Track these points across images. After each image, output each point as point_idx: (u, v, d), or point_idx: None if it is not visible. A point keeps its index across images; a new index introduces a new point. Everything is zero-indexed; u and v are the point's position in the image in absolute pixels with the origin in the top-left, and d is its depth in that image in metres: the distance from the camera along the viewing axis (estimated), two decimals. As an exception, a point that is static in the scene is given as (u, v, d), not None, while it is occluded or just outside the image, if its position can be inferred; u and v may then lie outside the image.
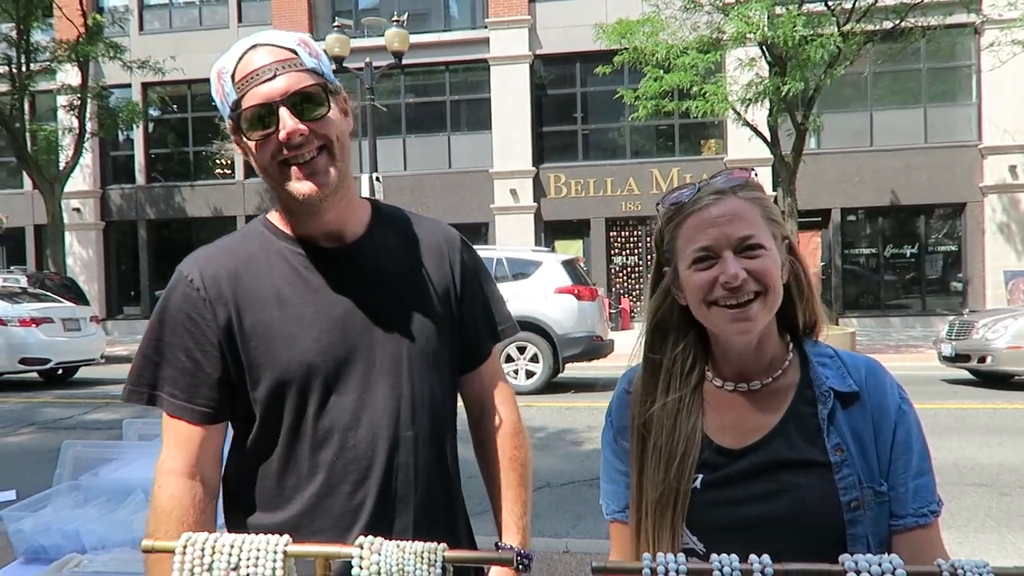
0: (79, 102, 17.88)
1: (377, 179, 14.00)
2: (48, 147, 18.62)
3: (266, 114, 1.24)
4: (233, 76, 1.26)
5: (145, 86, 21.79)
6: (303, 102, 1.25)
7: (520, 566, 1.38)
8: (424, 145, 21.32)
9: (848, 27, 13.13)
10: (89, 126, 18.31)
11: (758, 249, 1.13)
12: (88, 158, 20.67)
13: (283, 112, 1.23)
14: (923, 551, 1.11)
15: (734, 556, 0.89)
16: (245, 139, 1.27)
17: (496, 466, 1.49)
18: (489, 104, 20.70)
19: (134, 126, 19.98)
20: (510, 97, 20.43)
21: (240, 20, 21.94)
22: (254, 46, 1.26)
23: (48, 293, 13.09)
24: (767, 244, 1.14)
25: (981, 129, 18.80)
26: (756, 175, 1.21)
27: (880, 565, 0.87)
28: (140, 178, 22.70)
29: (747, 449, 1.18)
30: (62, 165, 18.36)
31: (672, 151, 20.51)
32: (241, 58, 1.26)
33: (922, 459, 1.16)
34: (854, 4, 13.22)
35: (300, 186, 1.26)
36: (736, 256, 1.13)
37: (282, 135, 1.23)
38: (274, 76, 1.24)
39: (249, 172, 21.61)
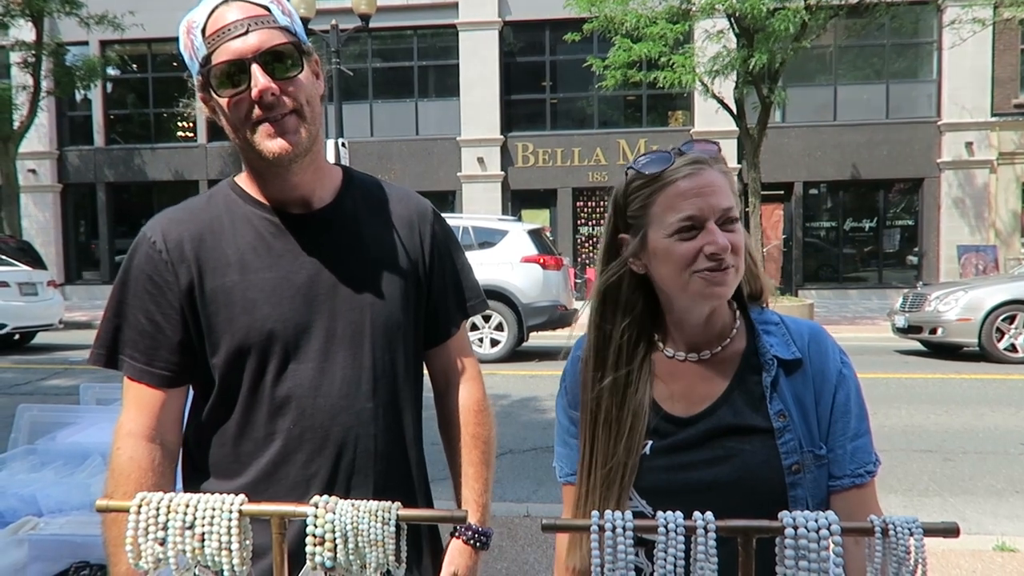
0: (33, 59, 17.26)
1: (343, 144, 13.81)
2: (1, 105, 17.96)
3: (236, 71, 1.21)
4: (204, 30, 1.23)
5: (103, 44, 21.09)
6: (275, 61, 1.22)
7: (478, 543, 1.41)
8: (391, 111, 21.03)
9: (814, 0, 13.18)
10: (44, 84, 17.70)
11: (736, 223, 1.16)
12: (44, 118, 20.01)
13: (255, 69, 1.20)
14: (859, 509, 1.16)
15: (679, 513, 0.93)
16: (216, 96, 1.24)
17: (458, 443, 1.48)
18: (457, 70, 20.45)
19: (92, 85, 19.36)
20: (478, 64, 20.21)
21: (201, -23, 21.30)
22: (226, 0, 1.23)
23: (3, 256, 12.73)
24: (738, 217, 1.17)
25: (940, 106, 19.10)
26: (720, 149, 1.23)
27: (816, 521, 0.91)
28: (99, 139, 22.07)
29: (695, 417, 1.22)
30: (16, 124, 17.72)
31: (639, 122, 20.51)
32: (212, 12, 1.23)
33: (860, 421, 1.21)
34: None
35: (271, 144, 1.23)
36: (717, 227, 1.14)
37: (254, 92, 1.20)
38: (247, 32, 1.21)
39: (212, 135, 21.14)
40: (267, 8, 1.24)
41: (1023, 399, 7.51)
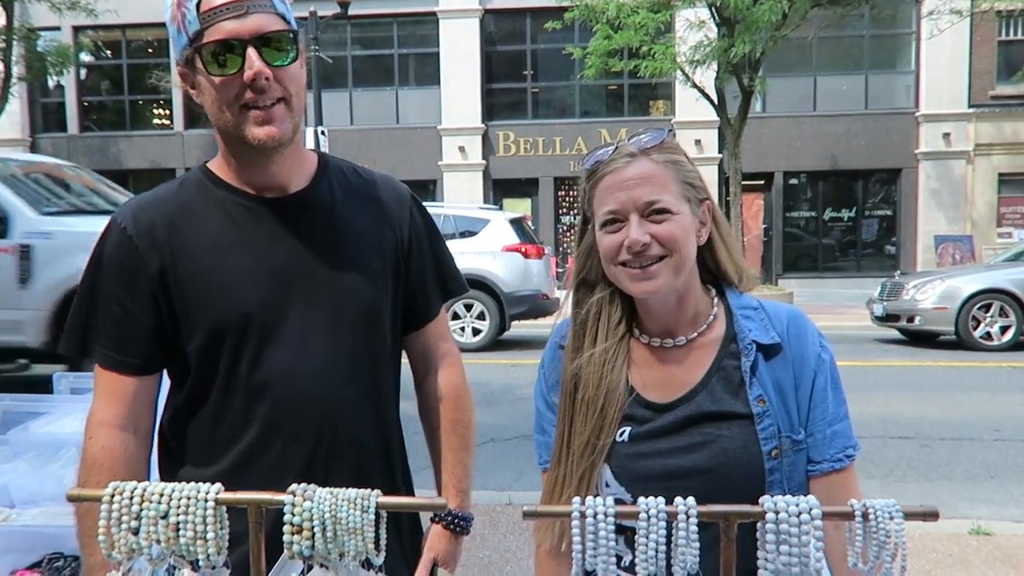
0: (4, 44, 16.92)
1: (322, 133, 13.71)
2: (-29, 91, 17.61)
3: (228, 51, 1.19)
4: (198, 5, 1.19)
5: (76, 29, 20.72)
6: (270, 46, 1.20)
7: (457, 528, 1.40)
8: (371, 99, 20.88)
9: (795, -10, 13.24)
10: (16, 70, 17.37)
11: (665, 214, 1.15)
12: (16, 104, 19.63)
13: (251, 52, 1.18)
14: (839, 493, 1.15)
15: (660, 499, 0.92)
16: (208, 73, 1.21)
17: (438, 429, 1.47)
18: (438, 58, 20.35)
19: (65, 72, 19.02)
20: (459, 52, 20.10)
21: (177, -38, 20.95)
22: None
23: (-26, 246, 12.50)
24: (675, 208, 1.16)
25: (919, 97, 19.27)
26: (674, 135, 1.22)
27: (798, 505, 0.91)
28: (73, 127, 21.72)
29: (673, 403, 1.21)
30: (-13, 111, 17.42)
31: (621, 111, 20.53)
32: None
33: (838, 406, 1.21)
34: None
35: (258, 131, 1.22)
36: (643, 219, 1.15)
37: (247, 75, 1.18)
38: (246, 13, 1.18)
39: (189, 123, 20.88)
40: None
41: (998, 386, 7.62)
